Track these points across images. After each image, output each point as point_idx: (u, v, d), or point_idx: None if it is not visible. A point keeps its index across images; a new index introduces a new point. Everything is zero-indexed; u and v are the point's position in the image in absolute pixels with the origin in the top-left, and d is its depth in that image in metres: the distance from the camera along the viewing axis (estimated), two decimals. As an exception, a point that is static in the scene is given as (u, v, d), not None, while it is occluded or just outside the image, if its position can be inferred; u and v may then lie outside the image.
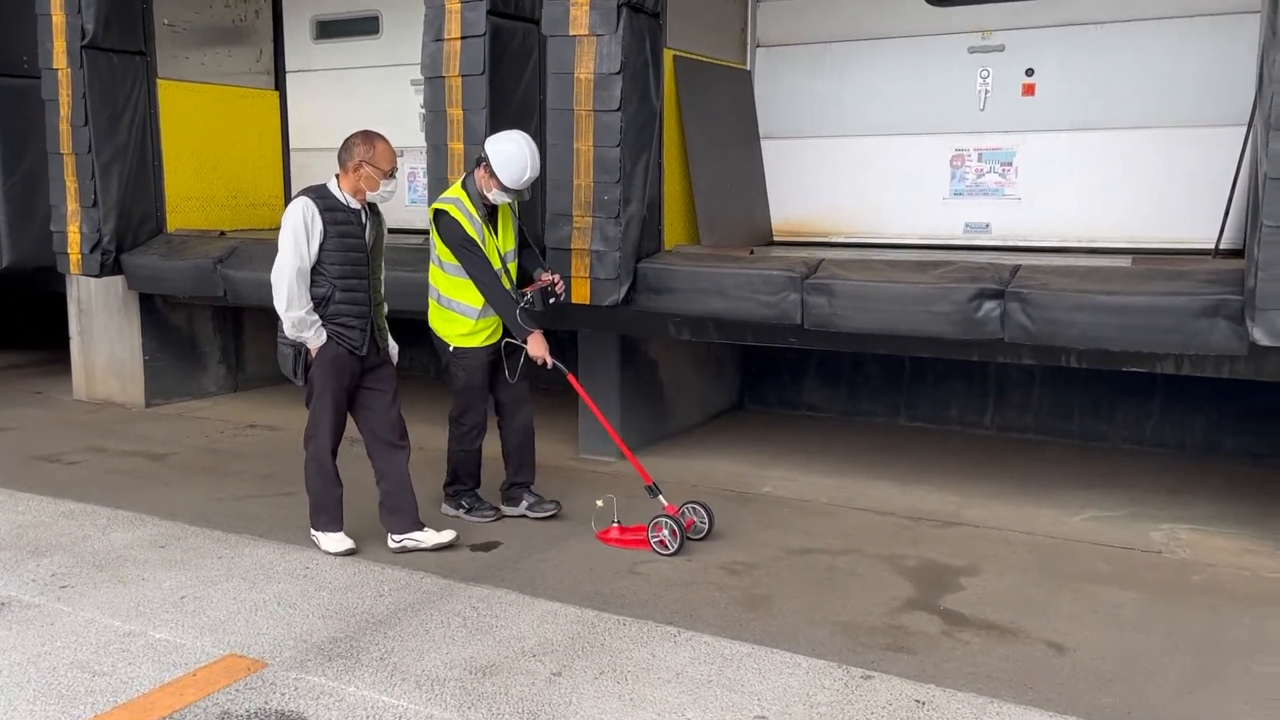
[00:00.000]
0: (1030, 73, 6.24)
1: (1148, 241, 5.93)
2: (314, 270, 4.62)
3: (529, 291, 5.04)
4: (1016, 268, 5.07)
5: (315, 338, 4.67)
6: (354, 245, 4.69)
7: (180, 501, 5.65)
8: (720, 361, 7.58)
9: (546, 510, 5.34)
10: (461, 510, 5.35)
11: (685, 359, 7.09)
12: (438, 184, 5.89)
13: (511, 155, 4.90)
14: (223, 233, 7.54)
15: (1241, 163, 5.29)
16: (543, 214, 5.74)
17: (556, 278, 5.13)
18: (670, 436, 6.92)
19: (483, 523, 5.27)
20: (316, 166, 8.44)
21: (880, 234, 6.74)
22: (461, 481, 5.36)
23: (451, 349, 5.13)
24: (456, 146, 5.84)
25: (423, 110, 6.07)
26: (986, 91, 6.36)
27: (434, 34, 5.76)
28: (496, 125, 5.78)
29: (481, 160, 4.95)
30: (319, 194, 4.65)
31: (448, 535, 4.92)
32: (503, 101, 5.84)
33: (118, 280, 7.70)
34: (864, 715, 3.42)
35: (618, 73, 5.33)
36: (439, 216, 4.98)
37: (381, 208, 4.90)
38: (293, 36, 8.40)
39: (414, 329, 9.03)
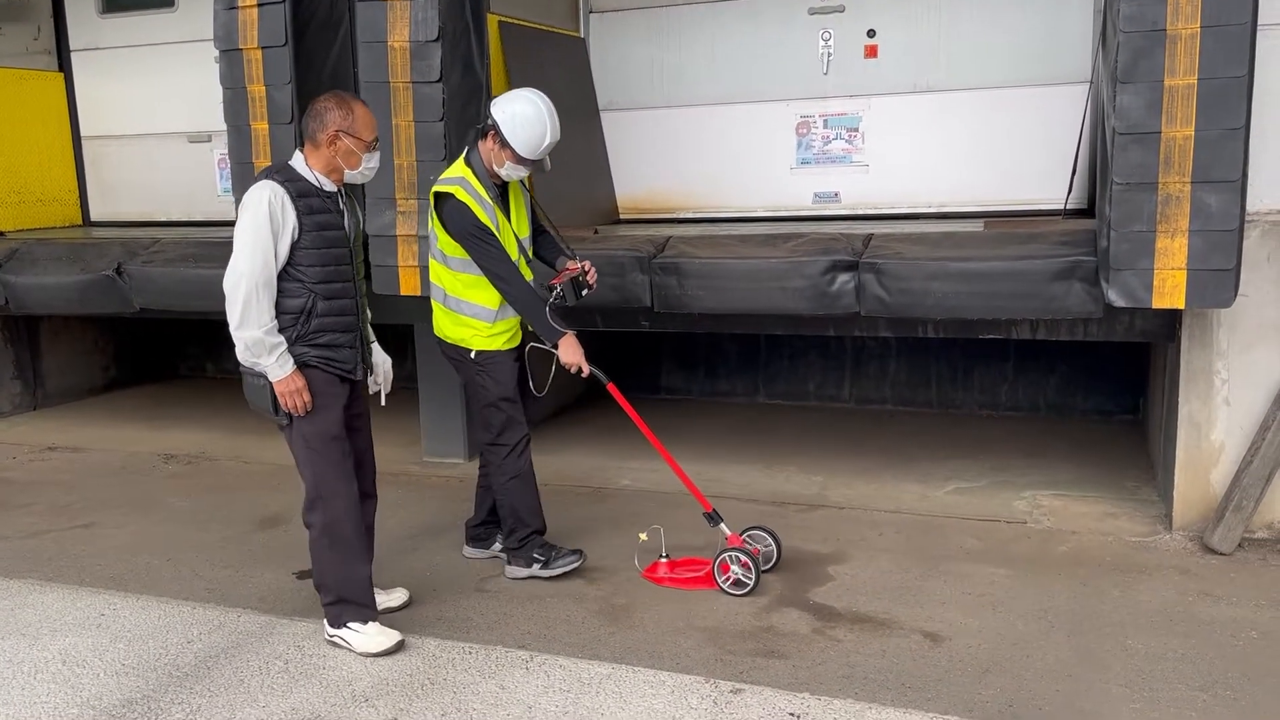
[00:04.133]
0: (872, 34, 6.05)
1: (998, 204, 5.83)
2: (287, 275, 3.54)
3: (557, 284, 4.18)
4: (869, 237, 4.86)
5: (277, 366, 3.51)
6: (335, 239, 3.61)
7: (-46, 545, 4.92)
8: (571, 348, 7.18)
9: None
10: (536, 566, 4.28)
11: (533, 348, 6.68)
12: (241, 169, 5.28)
13: (527, 118, 4.00)
14: (1, 233, 6.68)
15: (1085, 120, 5.22)
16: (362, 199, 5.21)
17: (587, 264, 4.26)
18: (521, 431, 6.50)
19: (568, 570, 4.28)
20: (115, 155, 7.65)
21: (728, 207, 6.47)
22: (525, 523, 4.28)
23: (474, 354, 4.18)
24: (261, 126, 5.24)
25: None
26: (829, 54, 6.14)
27: (226, 0, 5.14)
28: (305, 101, 5.20)
29: (487, 128, 4.05)
30: (286, 176, 3.55)
31: (399, 597, 4.07)
32: (311, 75, 5.26)
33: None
34: (735, 737, 3.11)
35: (436, 40, 4.84)
36: (441, 201, 4.04)
37: (192, 198, 4.09)
38: (75, 11, 7.51)
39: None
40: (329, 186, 3.62)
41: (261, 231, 3.46)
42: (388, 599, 4.04)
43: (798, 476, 5.58)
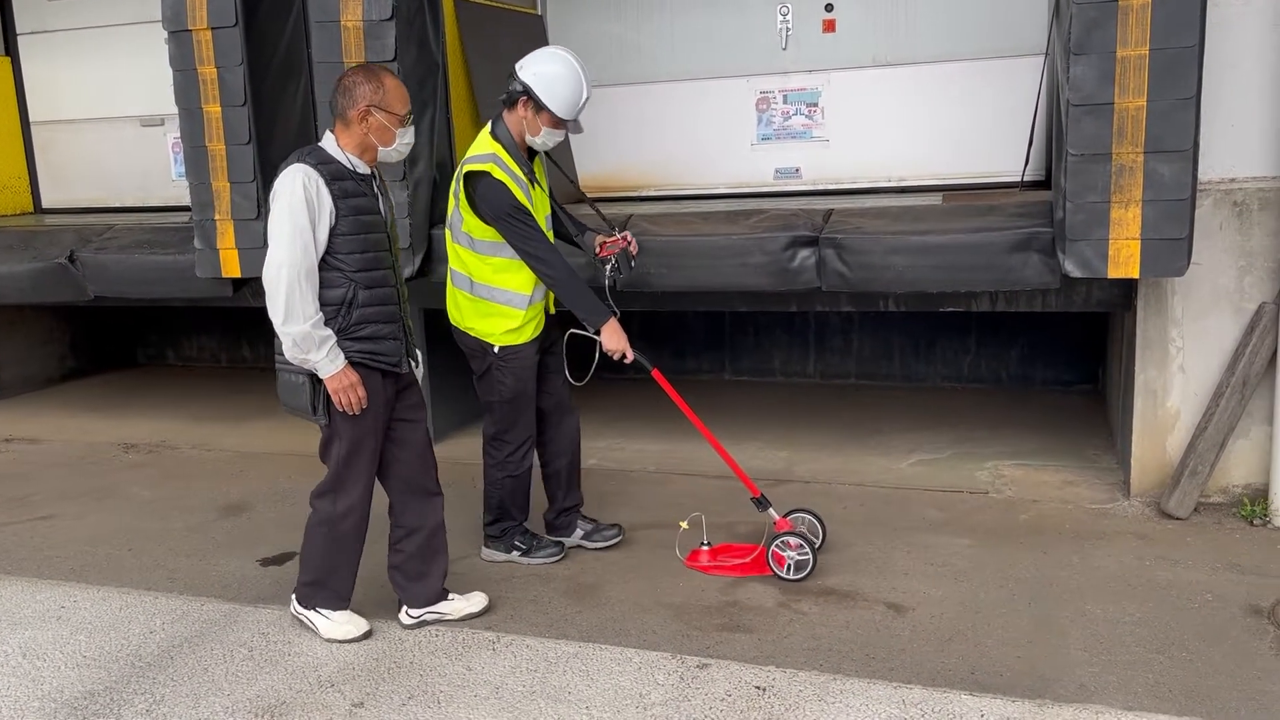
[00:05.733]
0: (830, 8, 6.04)
1: (957, 177, 5.85)
2: (324, 264, 3.35)
3: (612, 256, 4.02)
4: (829, 212, 4.87)
5: (328, 362, 3.33)
6: (372, 224, 3.44)
7: (-91, 541, 4.84)
8: (536, 328, 7.16)
9: (608, 538, 4.38)
10: (517, 553, 4.25)
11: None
12: (195, 153, 5.19)
13: (561, 76, 3.80)
14: (-50, 222, 6.55)
15: (1041, 92, 5.25)
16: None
17: (628, 234, 4.17)
18: (487, 413, 6.48)
19: (548, 564, 4.26)
20: (66, 141, 7.50)
21: (690, 184, 6.45)
22: (511, 517, 4.24)
23: (497, 349, 4.02)
24: (213, 109, 5.14)
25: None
26: (788, 30, 6.12)
27: (173, -20, 5.03)
28: (258, 83, 5.13)
29: (518, 95, 3.85)
30: (319, 159, 3.35)
31: (479, 602, 3.83)
32: (263, 56, 5.17)
33: None
34: (701, 712, 3.13)
35: (389, 18, 4.78)
36: (475, 180, 3.81)
37: (146, 183, 3.92)
38: (20, -7, 7.35)
39: (199, 316, 8.15)
40: (363, 169, 3.44)
41: (299, 218, 3.27)
42: (467, 605, 3.82)
43: (763, 452, 5.61)
